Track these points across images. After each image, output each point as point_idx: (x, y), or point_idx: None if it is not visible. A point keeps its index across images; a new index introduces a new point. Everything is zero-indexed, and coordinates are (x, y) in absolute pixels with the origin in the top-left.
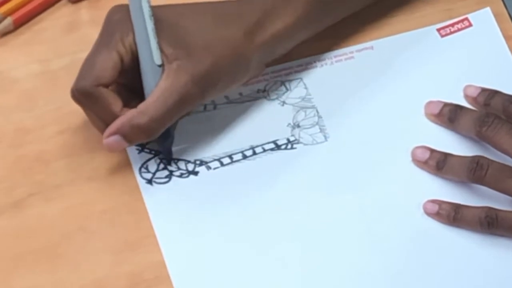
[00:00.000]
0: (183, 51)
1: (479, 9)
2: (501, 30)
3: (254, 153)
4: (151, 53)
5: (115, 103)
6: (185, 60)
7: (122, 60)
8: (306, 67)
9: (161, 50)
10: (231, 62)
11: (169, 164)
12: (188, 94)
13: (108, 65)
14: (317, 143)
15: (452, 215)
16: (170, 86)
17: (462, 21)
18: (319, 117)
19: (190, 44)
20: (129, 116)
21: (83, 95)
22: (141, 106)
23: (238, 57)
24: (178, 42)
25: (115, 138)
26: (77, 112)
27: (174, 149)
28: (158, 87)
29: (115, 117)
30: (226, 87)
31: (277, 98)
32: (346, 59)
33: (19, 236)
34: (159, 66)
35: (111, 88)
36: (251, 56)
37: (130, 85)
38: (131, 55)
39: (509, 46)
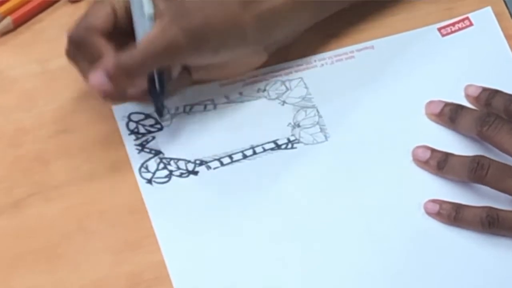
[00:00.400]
0: (176, 7)
1: (480, 8)
2: (502, 29)
3: (254, 153)
4: (142, 4)
5: (107, 47)
6: (177, 14)
7: (115, 13)
8: (306, 66)
9: (154, 5)
10: (223, 25)
11: (161, 117)
12: (176, 42)
13: (100, 14)
14: (318, 142)
15: (453, 215)
16: (159, 33)
17: (463, 20)
18: (320, 116)
19: (183, 1)
20: (115, 56)
21: (75, 40)
22: (129, 48)
23: (231, 23)
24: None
25: (99, 74)
26: (77, 112)
27: (173, 148)
28: (148, 34)
29: None
30: (218, 49)
31: (277, 98)
32: (346, 58)
33: (18, 236)
34: (151, 18)
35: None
36: (245, 26)
37: (124, 43)
38: (125, 10)
39: (510, 46)
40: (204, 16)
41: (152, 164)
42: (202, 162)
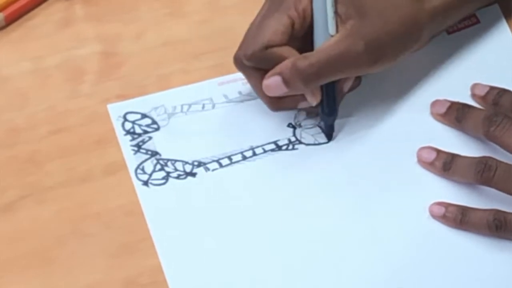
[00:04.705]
0: (357, 12)
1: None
2: (510, 26)
3: (254, 154)
4: (326, 21)
5: (293, 54)
6: (358, 21)
7: (293, 25)
8: None
9: (335, 10)
10: (403, 29)
11: (329, 140)
12: (355, 52)
13: (278, 28)
14: (319, 143)
15: (459, 218)
16: (338, 41)
17: (469, 17)
18: None
19: (364, 7)
20: (292, 59)
21: (252, 60)
22: (306, 53)
23: (409, 24)
24: (353, 3)
25: (275, 78)
26: (71, 111)
27: (170, 149)
28: (327, 41)
29: None
30: (396, 56)
31: None
32: None
33: (10, 240)
34: (332, 36)
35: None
36: (422, 23)
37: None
38: (303, 20)
39: None
40: (385, 24)
41: (149, 166)
42: (200, 164)
